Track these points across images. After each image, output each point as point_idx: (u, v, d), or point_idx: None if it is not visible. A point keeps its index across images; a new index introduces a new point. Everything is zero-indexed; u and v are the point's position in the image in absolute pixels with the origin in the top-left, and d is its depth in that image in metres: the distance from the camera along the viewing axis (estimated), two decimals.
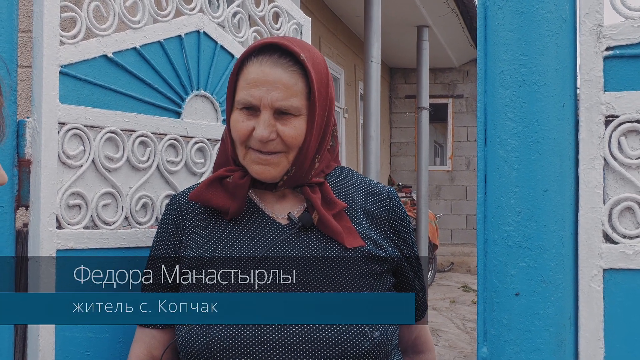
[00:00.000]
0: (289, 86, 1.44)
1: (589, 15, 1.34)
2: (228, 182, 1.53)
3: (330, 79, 1.53)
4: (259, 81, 1.45)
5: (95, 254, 1.65)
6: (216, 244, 1.52)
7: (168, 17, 1.87)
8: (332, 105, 1.53)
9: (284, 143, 1.46)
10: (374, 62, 7.03)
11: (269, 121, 1.45)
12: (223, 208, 1.52)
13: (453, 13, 10.40)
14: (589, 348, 1.32)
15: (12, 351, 1.52)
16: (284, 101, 1.44)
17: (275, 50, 1.47)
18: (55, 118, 1.58)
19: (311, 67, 1.46)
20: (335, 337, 1.37)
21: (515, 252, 1.30)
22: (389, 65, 13.82)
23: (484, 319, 1.35)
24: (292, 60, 1.46)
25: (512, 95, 1.31)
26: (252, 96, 1.45)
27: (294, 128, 1.46)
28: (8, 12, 1.51)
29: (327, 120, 1.53)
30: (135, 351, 1.58)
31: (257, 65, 1.46)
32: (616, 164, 1.33)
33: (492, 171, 1.34)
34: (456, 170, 13.87)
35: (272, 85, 1.44)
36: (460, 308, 9.24)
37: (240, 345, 1.38)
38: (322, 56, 1.54)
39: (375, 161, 6.84)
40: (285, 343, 1.37)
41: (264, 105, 1.45)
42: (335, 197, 1.53)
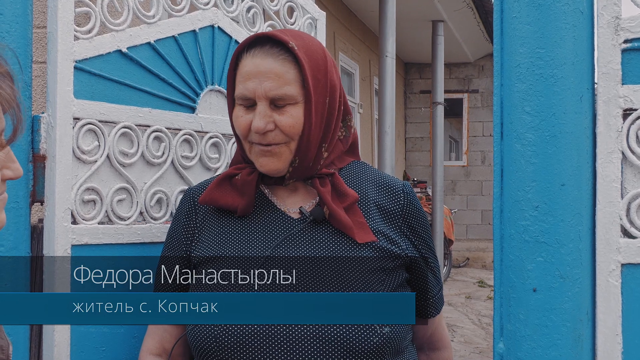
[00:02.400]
0: (280, 75, 1.44)
1: (606, 8, 1.33)
2: (237, 180, 1.53)
3: (331, 66, 1.52)
4: (252, 73, 1.45)
5: (109, 250, 1.65)
6: (227, 238, 1.52)
7: (182, 12, 1.87)
8: (334, 92, 1.51)
9: (283, 132, 1.45)
10: (388, 57, 7.02)
11: (264, 112, 1.45)
12: (232, 207, 1.52)
13: (468, 7, 10.36)
14: (607, 344, 1.31)
15: (28, 346, 1.53)
16: (277, 90, 1.44)
17: (267, 42, 1.47)
18: (70, 113, 1.58)
19: (304, 53, 1.46)
20: (344, 332, 1.36)
21: (532, 246, 1.29)
22: (404, 60, 13.79)
23: (500, 314, 1.34)
24: (283, 49, 1.46)
25: (529, 88, 1.30)
26: (246, 89, 1.46)
27: (291, 116, 1.45)
28: (23, 8, 1.51)
29: (331, 107, 1.51)
30: (147, 344, 1.59)
31: (250, 58, 1.47)
32: (634, 158, 1.32)
33: (509, 165, 1.32)
34: (471, 166, 13.83)
35: (265, 76, 1.44)
36: (476, 303, 9.22)
37: (248, 340, 1.38)
38: (320, 44, 1.54)
39: (390, 156, 6.83)
40: (293, 338, 1.37)
41: (258, 96, 1.45)
42: (347, 188, 1.52)
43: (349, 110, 1.60)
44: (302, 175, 1.52)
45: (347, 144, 1.60)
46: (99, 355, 1.63)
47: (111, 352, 1.65)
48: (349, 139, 1.61)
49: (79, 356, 1.59)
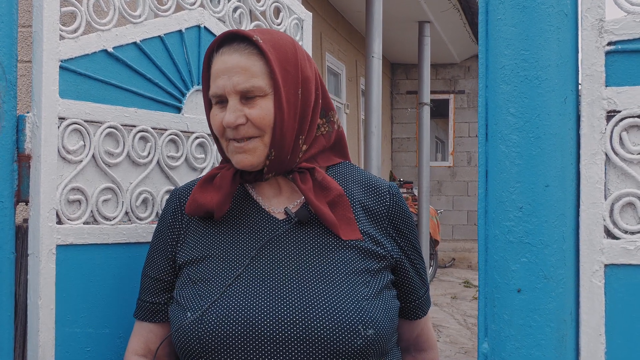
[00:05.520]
0: (247, 68, 1.45)
1: (590, 10, 1.34)
2: (217, 178, 1.53)
3: (303, 59, 1.53)
4: (221, 70, 1.47)
5: (94, 250, 1.65)
6: (212, 240, 1.52)
7: (168, 12, 1.87)
8: (307, 83, 1.51)
9: (254, 125, 1.46)
10: (375, 58, 7.03)
11: (235, 106, 1.45)
12: (209, 203, 1.51)
13: (454, 8, 10.39)
14: (590, 343, 1.32)
15: (12, 347, 1.52)
16: (245, 83, 1.45)
17: (234, 40, 1.48)
18: (55, 113, 1.58)
19: (270, 46, 1.47)
20: (327, 334, 1.36)
21: (517, 247, 1.30)
22: (391, 60, 13.81)
23: (485, 315, 1.35)
24: (249, 43, 1.47)
25: (514, 90, 1.31)
26: (217, 87, 1.47)
27: (260, 108, 1.45)
28: (8, 7, 1.51)
29: (305, 99, 1.50)
30: (132, 345, 1.59)
31: (219, 57, 1.48)
32: (617, 160, 1.32)
33: (493, 166, 1.33)
34: (457, 166, 13.87)
35: (232, 71, 1.45)
36: (462, 304, 9.25)
37: (232, 341, 1.38)
38: (291, 38, 1.54)
39: (376, 157, 6.84)
40: (277, 339, 1.37)
41: (228, 92, 1.46)
42: (330, 181, 1.52)
43: (332, 106, 1.60)
44: (280, 169, 1.52)
45: (331, 139, 1.60)
46: (84, 356, 1.63)
47: (96, 353, 1.65)
48: (332, 135, 1.61)
49: (64, 357, 1.58)
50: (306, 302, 1.39)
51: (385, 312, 1.44)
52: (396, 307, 1.51)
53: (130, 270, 1.72)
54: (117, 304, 1.70)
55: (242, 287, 1.43)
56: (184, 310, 1.44)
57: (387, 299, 1.47)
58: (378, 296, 1.45)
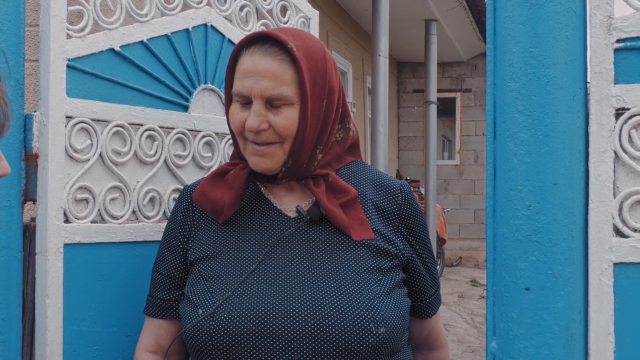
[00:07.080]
0: (277, 75, 1.43)
1: (599, 7, 1.33)
2: (229, 175, 1.53)
3: (331, 68, 1.51)
4: (249, 71, 1.44)
5: (102, 248, 1.65)
6: (224, 236, 1.52)
7: (175, 11, 1.86)
8: (332, 94, 1.50)
9: (277, 133, 1.44)
10: (381, 56, 7.02)
11: (259, 111, 1.43)
12: (220, 201, 1.51)
13: (461, 7, 10.38)
14: (599, 342, 1.31)
15: (20, 345, 1.52)
16: (273, 90, 1.42)
17: (267, 41, 1.46)
18: (63, 112, 1.58)
19: (303, 55, 1.44)
20: (339, 333, 1.36)
21: (525, 246, 1.29)
22: (397, 59, 13.80)
23: (493, 313, 1.34)
24: (282, 49, 1.44)
25: (522, 87, 1.30)
26: (243, 87, 1.45)
27: (286, 117, 1.44)
28: (15, 6, 1.51)
29: (328, 110, 1.49)
30: (143, 341, 1.59)
31: (249, 56, 1.45)
32: (627, 157, 1.32)
33: (502, 164, 1.33)
34: (464, 165, 13.86)
35: (261, 75, 1.43)
36: (469, 302, 9.24)
37: (244, 339, 1.37)
38: (322, 45, 1.52)
39: (383, 155, 6.84)
40: (288, 337, 1.37)
41: (254, 95, 1.43)
42: (344, 184, 1.51)
43: (348, 112, 1.59)
44: (295, 175, 1.51)
45: (345, 146, 1.59)
46: (92, 354, 1.63)
47: (104, 351, 1.65)
48: (347, 142, 1.60)
49: (72, 355, 1.58)
50: (318, 301, 1.38)
51: (396, 311, 1.43)
52: (407, 306, 1.51)
53: (138, 269, 1.72)
54: (125, 302, 1.70)
55: (254, 285, 1.42)
56: (195, 307, 1.44)
57: (399, 297, 1.47)
58: (389, 295, 1.44)
